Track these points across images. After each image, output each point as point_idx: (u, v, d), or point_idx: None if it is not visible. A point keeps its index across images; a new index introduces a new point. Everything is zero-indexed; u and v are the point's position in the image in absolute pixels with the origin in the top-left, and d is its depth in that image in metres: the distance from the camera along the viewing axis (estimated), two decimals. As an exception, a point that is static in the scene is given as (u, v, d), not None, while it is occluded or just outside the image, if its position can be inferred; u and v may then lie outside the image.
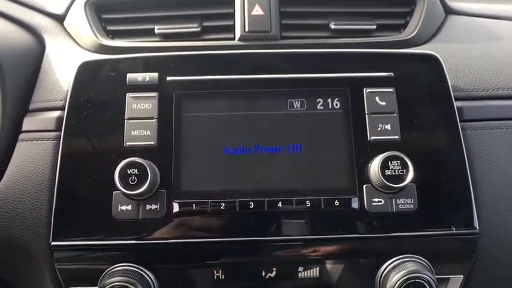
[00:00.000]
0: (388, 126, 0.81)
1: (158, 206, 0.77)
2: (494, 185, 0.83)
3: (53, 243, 0.77)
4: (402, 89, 0.84)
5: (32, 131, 0.86)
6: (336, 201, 0.77)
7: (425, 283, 0.74)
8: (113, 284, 0.73)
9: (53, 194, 0.80)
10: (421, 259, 0.77)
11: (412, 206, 0.78)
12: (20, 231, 0.81)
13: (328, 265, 0.80)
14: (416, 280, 0.74)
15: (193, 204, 0.77)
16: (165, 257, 0.79)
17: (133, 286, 0.73)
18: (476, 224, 0.79)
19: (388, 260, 0.78)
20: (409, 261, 0.77)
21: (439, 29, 1.02)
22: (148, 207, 0.77)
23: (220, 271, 0.80)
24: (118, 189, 0.75)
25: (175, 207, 0.77)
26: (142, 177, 0.74)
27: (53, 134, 0.84)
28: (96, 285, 0.76)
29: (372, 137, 0.81)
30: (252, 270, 0.80)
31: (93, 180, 0.79)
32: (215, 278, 0.80)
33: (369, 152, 0.80)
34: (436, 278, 0.75)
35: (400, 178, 0.75)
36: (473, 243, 0.79)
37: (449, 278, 0.81)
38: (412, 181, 0.77)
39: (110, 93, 0.84)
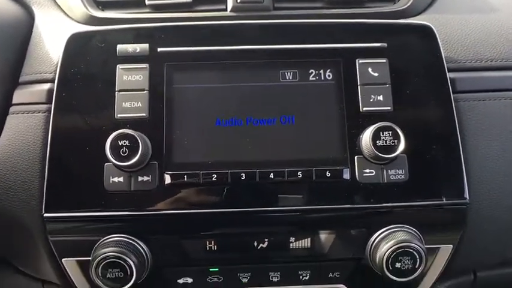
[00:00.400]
0: (380, 97, 0.81)
1: (150, 178, 0.78)
2: (485, 157, 0.83)
3: (45, 214, 0.78)
4: (395, 60, 0.83)
5: (22, 103, 0.85)
6: (327, 172, 0.78)
7: (414, 252, 0.75)
8: (106, 254, 0.74)
9: (44, 166, 0.79)
10: (411, 229, 0.78)
11: (403, 176, 0.78)
12: (12, 203, 0.81)
13: (320, 235, 0.81)
14: (406, 249, 0.75)
15: (185, 176, 0.77)
16: (157, 228, 0.79)
17: (126, 256, 0.74)
18: (466, 194, 0.79)
19: (379, 230, 0.79)
20: (399, 231, 0.77)
21: (433, 0, 1.01)
22: (140, 179, 0.78)
23: (212, 242, 0.81)
24: (109, 161, 0.75)
25: (167, 179, 0.78)
26: (133, 149, 0.74)
27: (44, 106, 0.84)
28: (89, 256, 0.77)
29: (364, 108, 0.80)
30: (244, 241, 0.81)
31: (85, 152, 0.79)
32: (207, 249, 0.81)
33: (360, 123, 0.80)
34: (426, 248, 0.76)
35: (391, 149, 0.75)
36: (463, 214, 0.80)
37: (439, 247, 0.81)
38: (404, 152, 0.77)
39: (100, 64, 0.83)
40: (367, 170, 0.78)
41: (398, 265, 0.75)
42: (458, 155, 0.80)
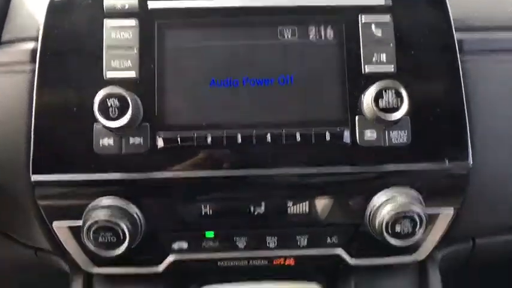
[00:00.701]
0: (383, 57, 0.77)
1: (141, 140, 0.74)
2: (490, 120, 0.80)
3: (33, 178, 0.75)
4: (400, 19, 0.79)
5: (5, 63, 0.81)
6: (327, 134, 0.75)
7: (415, 216, 0.73)
8: (97, 218, 0.72)
9: (30, 128, 0.76)
10: (411, 193, 0.76)
11: (405, 139, 0.75)
12: None
13: (318, 200, 0.79)
14: (406, 213, 0.73)
15: (179, 138, 0.74)
16: (150, 192, 0.77)
17: (118, 220, 0.72)
18: (469, 157, 0.77)
19: (379, 194, 0.76)
20: (400, 194, 0.75)
21: None
22: (131, 141, 0.74)
23: (207, 206, 0.79)
24: (99, 123, 0.72)
25: (160, 141, 0.74)
26: (123, 109, 0.70)
27: (28, 66, 0.79)
28: (80, 220, 0.75)
29: (367, 69, 0.77)
30: (240, 206, 0.79)
31: (73, 113, 0.75)
32: (202, 213, 0.79)
33: (362, 84, 0.76)
34: (426, 212, 0.75)
35: (394, 110, 0.72)
36: (466, 177, 0.77)
37: (439, 212, 0.80)
38: (406, 114, 0.73)
39: (87, 21, 0.78)
40: (368, 132, 0.75)
41: (398, 229, 0.74)
42: (463, 118, 0.77)
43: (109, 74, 0.75)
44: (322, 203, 0.79)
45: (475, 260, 0.99)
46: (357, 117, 0.76)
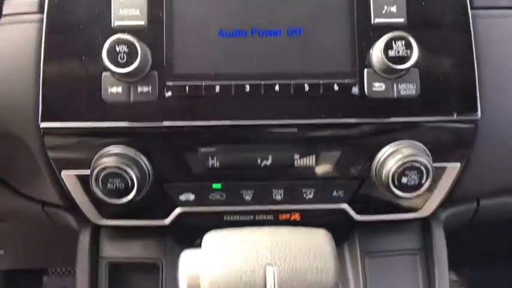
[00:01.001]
0: (393, 9, 0.76)
1: (150, 89, 0.74)
2: (500, 74, 0.80)
3: (41, 125, 0.75)
4: None
5: (12, 14, 0.81)
6: (335, 85, 0.75)
7: (421, 167, 0.73)
8: (106, 164, 0.72)
9: (39, 77, 0.76)
10: (418, 145, 0.76)
11: (414, 91, 0.75)
12: (8, 117, 0.78)
13: (325, 153, 0.79)
14: (413, 164, 0.73)
15: (187, 87, 0.74)
16: (158, 141, 0.77)
17: (127, 167, 0.72)
18: (478, 111, 0.77)
19: (386, 146, 0.77)
20: (407, 146, 0.75)
21: None
22: (139, 89, 0.74)
23: (215, 158, 0.79)
24: (107, 69, 0.72)
25: (168, 90, 0.74)
26: (132, 55, 0.70)
27: (36, 16, 0.79)
28: (88, 169, 0.75)
29: (376, 20, 0.76)
30: (247, 158, 0.79)
31: (81, 61, 0.75)
32: (210, 165, 0.79)
33: (372, 35, 0.75)
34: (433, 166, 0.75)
35: (403, 59, 0.72)
36: (474, 130, 0.77)
37: (446, 166, 0.80)
38: (416, 65, 0.73)
39: None
40: (377, 84, 0.75)
41: (404, 180, 0.74)
42: (472, 71, 0.77)
43: (117, 23, 0.75)
44: (328, 156, 0.79)
45: (477, 221, 0.99)
46: (365, 70, 0.75)
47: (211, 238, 0.62)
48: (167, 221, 0.85)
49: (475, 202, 0.96)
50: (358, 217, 0.85)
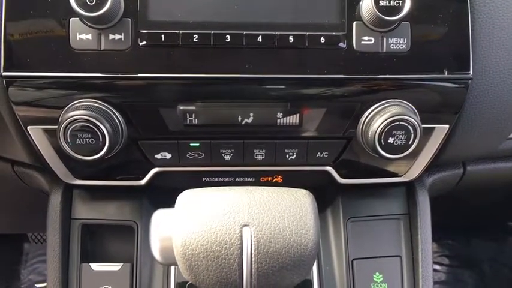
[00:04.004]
0: None
1: (122, 36, 0.69)
2: (495, 32, 0.76)
3: (4, 73, 0.69)
4: None
5: None
6: (321, 38, 0.70)
7: (409, 126, 0.70)
8: (75, 117, 0.67)
9: (1, 22, 0.69)
10: (407, 104, 0.73)
11: (404, 46, 0.71)
12: None
13: (309, 110, 0.75)
14: (401, 123, 0.70)
15: (163, 36, 0.69)
16: (131, 94, 0.72)
17: (97, 121, 0.67)
18: (470, 69, 0.73)
19: (373, 104, 0.73)
20: (395, 105, 0.72)
21: None
22: (111, 36, 0.68)
23: (193, 114, 0.74)
24: (75, 14, 0.66)
25: (142, 38, 0.69)
26: None
27: None
28: (56, 124, 0.70)
29: None
30: (227, 114, 0.75)
31: (46, 5, 0.68)
32: (187, 122, 0.75)
33: None
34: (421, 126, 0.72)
35: (394, 10, 0.67)
36: (465, 90, 0.74)
37: (435, 127, 0.77)
38: (407, 19, 0.69)
39: None
40: (366, 38, 0.71)
41: (391, 140, 0.71)
42: (466, 27, 0.73)
43: None
44: (313, 114, 0.75)
45: (462, 187, 0.98)
46: (354, 23, 0.71)
47: (185, 197, 0.58)
48: (143, 181, 0.81)
49: (461, 168, 0.94)
50: (341, 180, 0.82)
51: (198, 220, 0.54)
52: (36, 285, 2.01)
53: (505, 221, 2.16)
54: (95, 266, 0.82)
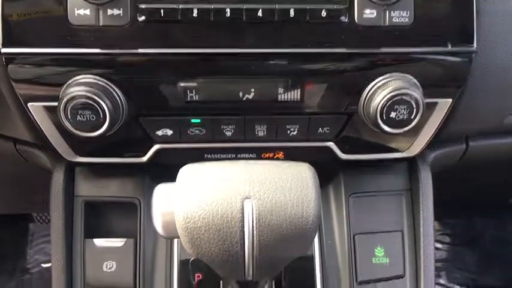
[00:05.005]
0: None
1: (121, 12, 0.68)
2: (497, 5, 0.74)
3: (3, 50, 0.69)
4: None
5: None
6: (323, 11, 0.69)
7: (411, 101, 0.69)
8: (75, 93, 0.67)
9: None
10: (409, 78, 0.72)
11: (407, 19, 0.70)
12: None
13: (310, 85, 0.74)
14: (403, 97, 0.69)
15: (162, 10, 0.68)
16: (130, 70, 0.71)
17: (98, 97, 0.67)
18: (474, 42, 0.72)
19: (376, 79, 0.72)
20: (397, 79, 0.71)
21: None
22: (109, 12, 0.68)
23: (193, 91, 0.74)
24: None
25: (141, 13, 0.68)
26: None
27: None
28: (56, 101, 0.70)
29: None
30: (228, 90, 0.74)
31: None
32: (188, 98, 0.74)
33: None
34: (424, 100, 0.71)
35: None
36: (468, 63, 0.73)
37: (438, 102, 0.76)
38: None
39: None
40: (368, 11, 0.69)
41: (393, 115, 0.70)
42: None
43: None
44: (314, 90, 0.74)
45: (464, 163, 0.97)
46: None
47: (186, 171, 0.58)
48: (145, 158, 0.81)
49: (463, 143, 0.94)
50: (343, 156, 0.82)
51: (199, 193, 0.54)
52: (43, 265, 2.04)
53: (507, 198, 2.17)
54: (99, 242, 0.83)
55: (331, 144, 0.81)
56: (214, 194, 0.54)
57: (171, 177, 0.80)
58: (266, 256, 0.53)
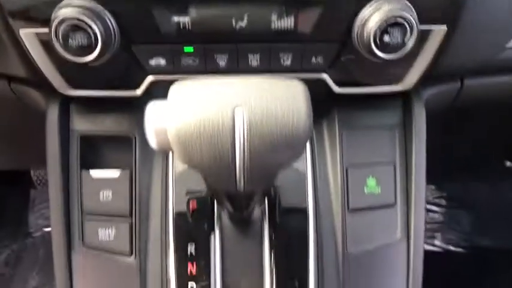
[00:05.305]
0: None
1: None
2: None
3: None
4: None
5: None
6: None
7: (405, 23, 0.69)
8: (65, 16, 0.66)
9: None
10: (404, 1, 0.71)
11: None
12: None
13: (304, 13, 0.73)
14: (396, 20, 0.68)
15: None
16: None
17: (90, 20, 0.67)
18: None
19: (368, 3, 0.71)
20: (391, 2, 0.70)
21: None
22: None
23: (186, 17, 0.73)
24: None
25: None
26: None
27: None
28: (47, 27, 0.70)
29: None
30: (221, 16, 0.73)
31: None
32: (181, 26, 0.74)
33: None
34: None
35: None
36: None
37: (432, 29, 0.76)
38: None
39: None
40: None
41: (387, 38, 0.70)
42: None
43: None
44: (308, 16, 0.74)
45: (460, 103, 0.97)
46: None
47: (177, 87, 0.58)
48: (139, 91, 0.81)
49: (458, 81, 0.94)
50: (337, 89, 0.82)
51: (191, 102, 0.55)
52: (45, 229, 2.07)
53: (502, 160, 2.19)
54: (95, 173, 0.84)
55: (325, 76, 0.81)
56: (206, 103, 0.54)
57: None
58: (257, 163, 0.54)
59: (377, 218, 0.84)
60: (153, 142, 0.59)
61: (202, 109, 0.54)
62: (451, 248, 2.04)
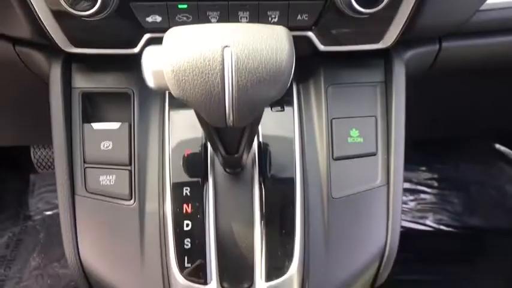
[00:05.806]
0: None
1: None
2: None
3: None
4: None
5: None
6: None
7: None
8: None
9: None
10: None
11: None
12: None
13: None
14: None
15: None
16: None
17: None
18: None
19: None
20: None
21: None
22: None
23: None
24: None
25: None
26: None
27: None
28: None
29: None
30: None
31: None
32: None
33: None
34: None
35: None
36: None
37: None
38: None
39: None
40: None
41: None
42: None
43: None
44: None
45: (439, 67, 1.03)
46: None
47: (171, 31, 0.64)
48: (136, 49, 0.87)
49: (437, 44, 0.99)
50: (322, 48, 0.88)
51: (184, 41, 0.60)
52: (45, 213, 2.11)
53: (492, 143, 2.25)
54: (96, 126, 0.90)
55: (310, 34, 0.87)
56: (198, 42, 0.60)
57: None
58: (244, 96, 0.60)
59: (359, 165, 0.90)
60: (150, 81, 0.65)
61: (194, 47, 0.60)
62: (443, 227, 2.09)
